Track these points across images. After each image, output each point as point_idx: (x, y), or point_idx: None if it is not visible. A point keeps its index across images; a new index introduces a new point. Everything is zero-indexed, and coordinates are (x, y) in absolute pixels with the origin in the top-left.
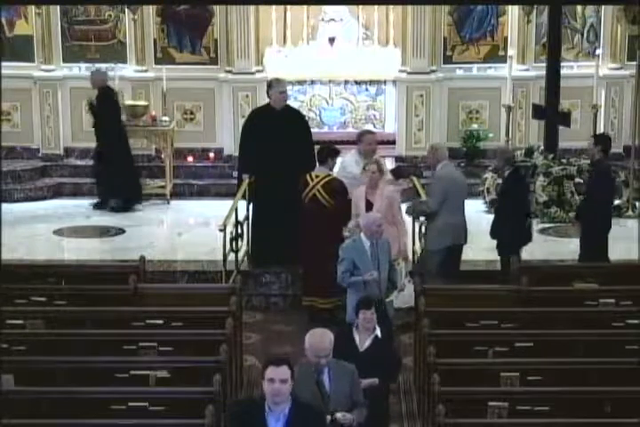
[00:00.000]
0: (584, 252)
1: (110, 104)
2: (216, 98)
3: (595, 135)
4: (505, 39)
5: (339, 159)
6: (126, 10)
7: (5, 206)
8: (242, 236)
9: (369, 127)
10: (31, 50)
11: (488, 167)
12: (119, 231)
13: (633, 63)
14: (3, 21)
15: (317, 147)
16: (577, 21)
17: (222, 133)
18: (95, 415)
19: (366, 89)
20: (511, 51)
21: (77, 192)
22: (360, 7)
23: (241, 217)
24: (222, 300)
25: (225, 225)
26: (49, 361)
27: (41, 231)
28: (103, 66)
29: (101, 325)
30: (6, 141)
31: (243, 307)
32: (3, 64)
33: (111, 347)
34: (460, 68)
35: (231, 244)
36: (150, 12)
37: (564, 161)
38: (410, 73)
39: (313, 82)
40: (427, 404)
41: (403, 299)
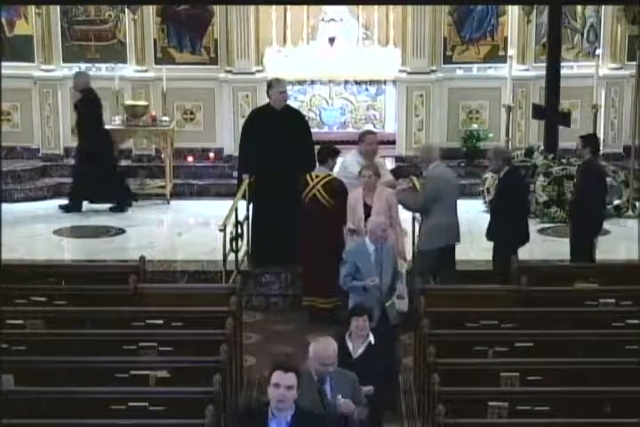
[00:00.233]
0: (571, 252)
1: (93, 106)
2: (216, 98)
3: (583, 136)
4: (505, 39)
5: (339, 159)
6: (126, 10)
7: (5, 206)
8: (242, 236)
9: (369, 127)
10: (31, 50)
11: (488, 167)
12: (119, 231)
13: (633, 63)
14: (3, 21)
15: (317, 147)
16: (577, 21)
17: (222, 133)
18: (95, 415)
19: (366, 89)
20: (511, 51)
21: None
22: (360, 7)
23: (241, 217)
24: (222, 300)
25: (225, 225)
26: (49, 361)
27: (41, 231)
28: (103, 66)
29: (101, 325)
30: (6, 141)
31: (243, 307)
32: (3, 64)
33: (111, 347)
34: (460, 68)
35: (231, 244)
36: (150, 12)
37: (564, 161)
38: (410, 73)
39: (313, 82)
40: (427, 404)
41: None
